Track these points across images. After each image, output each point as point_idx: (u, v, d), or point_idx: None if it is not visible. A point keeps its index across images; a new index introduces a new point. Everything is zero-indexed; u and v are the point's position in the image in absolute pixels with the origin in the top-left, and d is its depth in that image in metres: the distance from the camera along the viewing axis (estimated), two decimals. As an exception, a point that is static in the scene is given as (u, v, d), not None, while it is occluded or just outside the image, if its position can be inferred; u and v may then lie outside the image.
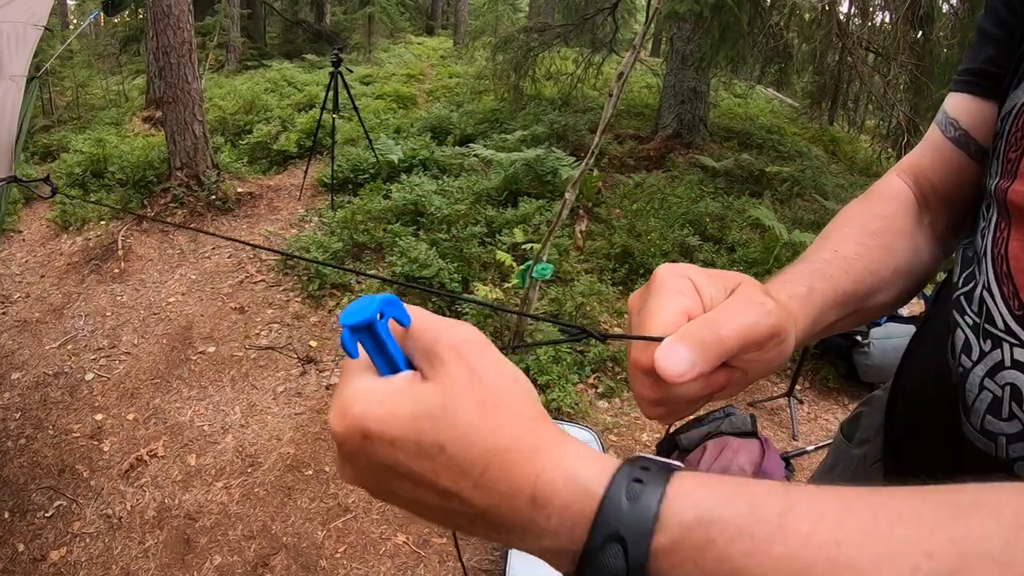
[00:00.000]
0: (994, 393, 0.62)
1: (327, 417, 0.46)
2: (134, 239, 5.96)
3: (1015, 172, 0.64)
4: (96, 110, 11.79)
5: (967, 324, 0.68)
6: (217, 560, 2.84)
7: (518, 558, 2.56)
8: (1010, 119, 0.66)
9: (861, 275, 0.76)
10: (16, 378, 4.16)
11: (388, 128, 8.78)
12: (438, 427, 0.43)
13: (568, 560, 0.42)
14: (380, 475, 0.45)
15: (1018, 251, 0.63)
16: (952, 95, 0.82)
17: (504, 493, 0.42)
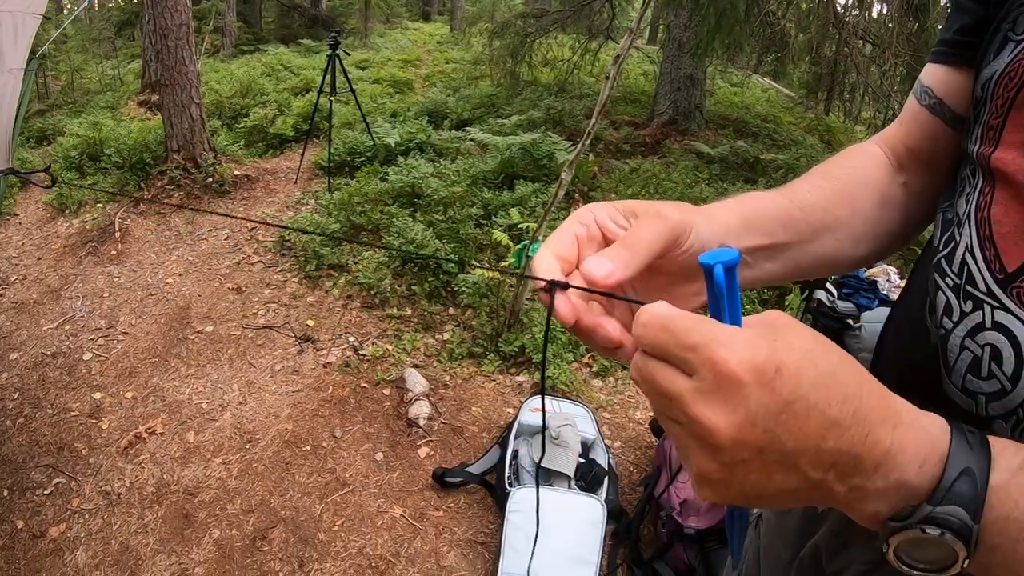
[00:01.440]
0: (974, 353, 0.65)
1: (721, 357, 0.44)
2: (131, 221, 5.98)
3: (998, 139, 0.67)
4: (91, 94, 11.77)
5: (948, 286, 0.70)
6: (216, 534, 2.87)
7: (514, 530, 2.60)
8: (991, 86, 0.69)
9: (810, 208, 0.79)
10: (14, 358, 4.18)
11: (385, 112, 8.80)
12: (825, 358, 0.46)
13: (892, 499, 0.48)
14: (775, 418, 0.45)
15: (1000, 215, 0.65)
16: (928, 66, 0.85)
17: (874, 421, 0.46)
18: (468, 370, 3.83)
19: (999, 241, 0.65)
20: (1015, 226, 0.64)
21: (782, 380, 0.44)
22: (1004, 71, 0.67)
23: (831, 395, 0.45)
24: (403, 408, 3.53)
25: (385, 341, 4.13)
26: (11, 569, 2.79)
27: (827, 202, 0.81)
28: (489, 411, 3.50)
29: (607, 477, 2.84)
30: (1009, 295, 0.63)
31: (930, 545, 0.47)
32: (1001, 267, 0.64)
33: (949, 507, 0.45)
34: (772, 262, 0.77)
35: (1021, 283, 0.62)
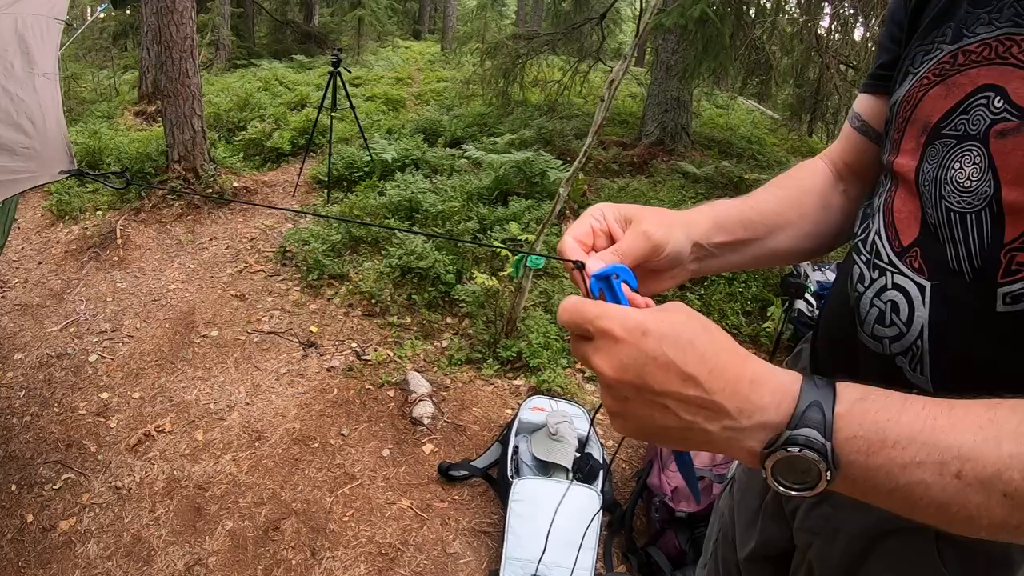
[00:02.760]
0: (880, 308, 0.86)
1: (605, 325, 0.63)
2: (132, 229, 6.08)
3: (898, 148, 0.89)
4: (87, 103, 11.81)
5: (862, 261, 0.92)
6: (229, 525, 2.98)
7: (516, 518, 2.75)
8: (895, 108, 0.91)
9: (766, 212, 1.01)
10: (19, 358, 4.26)
11: (380, 128, 8.92)
12: (688, 330, 0.62)
13: (761, 436, 0.62)
14: (642, 367, 0.61)
15: (899, 206, 0.88)
16: (859, 96, 1.08)
17: (730, 378, 0.61)
18: (467, 374, 3.97)
19: (898, 224, 0.87)
20: (909, 213, 0.85)
21: (646, 340, 0.61)
22: (904, 96, 0.89)
23: (687, 355, 0.61)
24: (407, 408, 3.67)
25: (386, 347, 4.26)
26: (21, 560, 2.84)
27: (780, 206, 1.03)
28: (489, 411, 3.65)
29: (602, 470, 3.00)
30: (904, 263, 0.84)
31: (797, 464, 0.60)
32: (899, 244, 0.86)
33: (803, 429, 0.59)
34: (735, 254, 0.98)
35: (912, 254, 0.84)
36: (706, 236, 0.93)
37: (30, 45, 2.76)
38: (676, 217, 0.89)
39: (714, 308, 4.72)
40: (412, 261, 4.75)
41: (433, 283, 4.72)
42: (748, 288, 4.86)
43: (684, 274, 0.93)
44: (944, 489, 0.57)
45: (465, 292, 4.49)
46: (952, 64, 0.82)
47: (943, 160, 0.80)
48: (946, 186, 0.79)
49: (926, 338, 0.80)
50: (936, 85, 0.83)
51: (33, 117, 2.33)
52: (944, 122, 0.81)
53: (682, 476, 0.92)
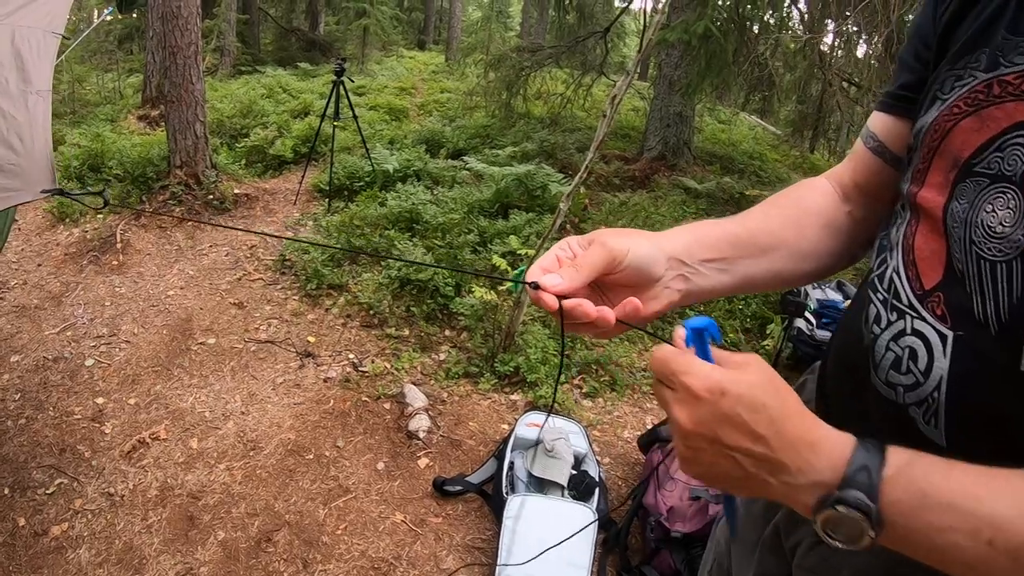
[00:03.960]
0: (896, 353, 0.82)
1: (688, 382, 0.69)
2: (132, 233, 6.08)
3: (923, 180, 0.84)
4: (91, 106, 11.84)
5: (878, 300, 0.87)
6: (221, 535, 2.96)
7: (510, 534, 2.74)
8: (921, 135, 0.85)
9: (758, 230, 0.98)
10: (15, 361, 4.26)
11: (382, 139, 8.93)
12: (762, 393, 0.68)
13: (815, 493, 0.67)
14: (717, 424, 0.68)
15: (921, 244, 0.82)
16: (875, 114, 1.02)
17: (793, 439, 0.67)
18: (464, 388, 3.96)
19: (920, 263, 0.82)
20: (932, 252, 0.80)
21: (724, 400, 0.67)
22: (931, 124, 0.83)
23: (759, 417, 0.67)
24: (403, 421, 3.65)
25: (384, 359, 4.25)
26: (11, 565, 2.83)
27: (774, 226, 1.00)
28: (485, 426, 3.63)
29: (598, 488, 2.99)
30: (925, 308, 0.80)
31: (844, 522, 0.65)
32: (920, 286, 0.81)
33: (852, 491, 0.65)
34: (725, 274, 0.94)
35: (934, 299, 0.79)
36: (687, 252, 0.91)
37: (26, 60, 2.74)
38: (643, 233, 0.89)
39: (713, 325, 4.70)
40: (411, 273, 4.75)
41: (432, 296, 4.71)
42: (748, 306, 4.86)
43: (670, 295, 0.90)
44: (976, 554, 0.62)
45: (464, 305, 4.48)
46: (987, 95, 0.77)
47: (974, 201, 0.75)
48: (976, 229, 0.74)
49: (943, 391, 0.76)
50: (968, 116, 0.78)
51: (22, 135, 2.34)
52: (977, 158, 0.76)
53: (725, 515, 0.95)
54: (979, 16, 0.81)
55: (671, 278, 0.90)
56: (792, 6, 7.89)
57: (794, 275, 1.02)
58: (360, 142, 7.67)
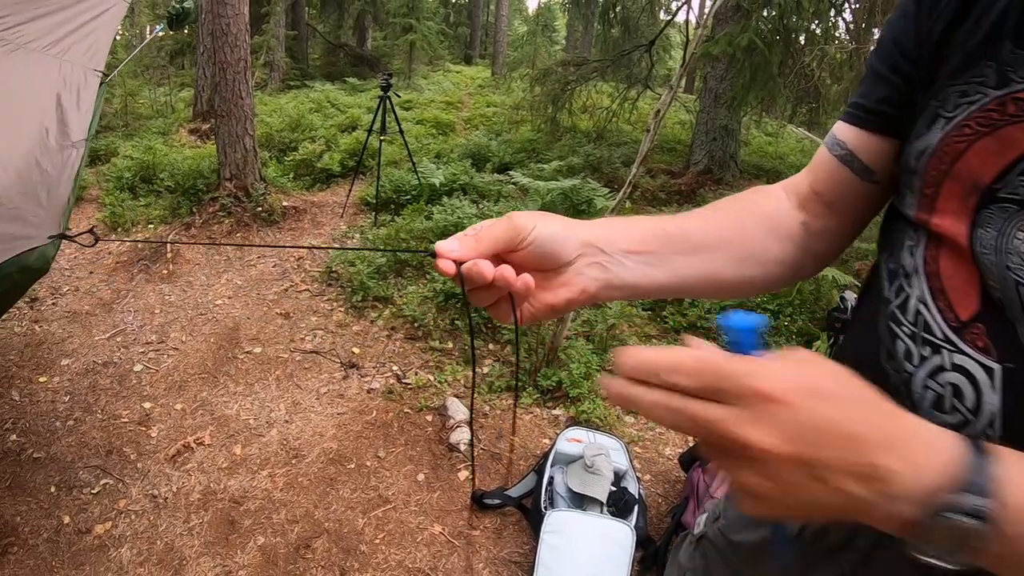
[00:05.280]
0: (937, 392, 0.75)
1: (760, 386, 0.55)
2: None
3: (933, 206, 0.79)
4: (143, 119, 12.10)
5: (905, 334, 0.81)
6: (261, 540, 2.99)
7: (548, 549, 2.72)
8: (924, 159, 0.80)
9: (690, 228, 0.90)
10: (66, 364, 4.35)
11: (429, 152, 9.02)
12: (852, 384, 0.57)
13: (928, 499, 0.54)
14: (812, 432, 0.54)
15: (950, 271, 0.77)
16: (843, 124, 0.96)
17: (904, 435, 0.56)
18: (506, 402, 3.95)
19: (950, 294, 0.76)
20: (964, 281, 0.75)
21: (815, 401, 0.54)
22: (938, 145, 0.78)
23: (855, 413, 0.55)
24: (445, 434, 3.66)
25: (427, 372, 4.26)
26: (55, 561, 2.90)
27: (710, 225, 0.93)
28: (526, 440, 3.62)
29: (637, 505, 2.96)
30: (964, 340, 0.74)
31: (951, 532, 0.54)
32: (955, 317, 0.75)
33: (964, 496, 0.53)
34: (652, 268, 0.85)
35: (974, 331, 0.73)
36: (606, 240, 0.83)
37: (66, 111, 2.78)
38: (559, 217, 0.81)
39: (757, 343, 4.65)
40: (456, 286, 4.75)
41: (476, 309, 4.70)
42: (794, 322, 4.79)
43: (583, 282, 0.81)
44: None
45: (508, 319, 4.48)
46: (1001, 113, 0.72)
47: (1003, 228, 0.71)
48: (1012, 257, 0.69)
49: (998, 427, 0.70)
50: (983, 137, 0.73)
51: (50, 189, 2.41)
52: (999, 183, 0.72)
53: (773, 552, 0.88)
54: (978, 25, 0.76)
55: (586, 264, 0.81)
56: (838, 16, 7.82)
57: (737, 280, 0.93)
58: (407, 156, 7.74)
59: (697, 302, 4.81)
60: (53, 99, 2.79)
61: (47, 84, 2.86)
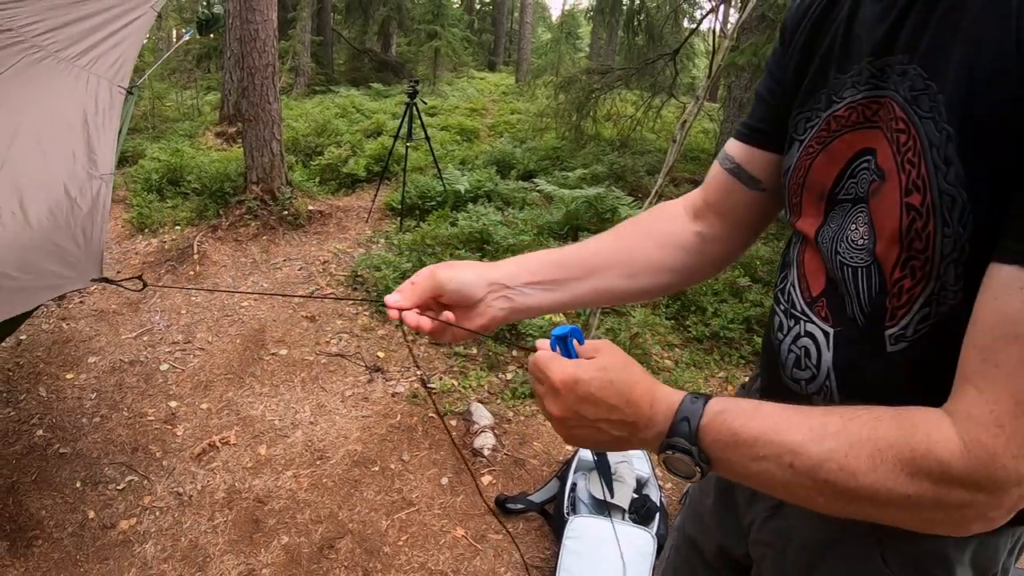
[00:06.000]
0: (796, 353, 0.98)
1: (549, 376, 0.83)
2: (209, 245, 6.26)
3: (799, 212, 1.00)
4: (170, 122, 12.23)
5: (781, 310, 1.04)
6: (284, 540, 3.02)
7: (569, 555, 2.74)
8: (788, 176, 1.01)
9: (585, 254, 1.14)
10: (93, 361, 4.41)
11: (454, 159, 9.06)
12: (610, 373, 0.82)
13: (657, 440, 0.82)
14: (577, 404, 0.82)
15: (808, 260, 0.99)
16: (733, 141, 1.14)
17: (638, 400, 0.81)
18: (530, 408, 3.96)
19: (808, 276, 0.99)
20: (817, 267, 0.96)
21: (578, 386, 0.81)
22: (795, 164, 0.99)
23: (609, 392, 0.81)
24: (469, 439, 3.67)
25: (451, 377, 4.28)
26: (79, 554, 2.94)
27: (605, 248, 1.16)
28: (549, 447, 3.63)
29: (659, 513, 2.97)
30: (813, 312, 0.96)
31: (676, 461, 0.81)
32: (810, 295, 0.98)
33: (676, 437, 0.79)
34: (552, 293, 1.11)
35: (820, 304, 0.95)
36: (509, 277, 1.08)
37: (92, 134, 2.79)
38: (473, 264, 1.07)
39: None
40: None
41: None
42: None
43: (493, 312, 1.07)
44: (783, 476, 0.75)
45: (533, 327, 4.49)
46: (828, 131, 0.93)
47: (842, 222, 0.91)
48: (842, 244, 0.90)
49: (833, 379, 0.92)
50: (820, 153, 0.94)
51: (85, 230, 2.43)
52: (837, 187, 0.92)
53: (599, 474, 1.18)
54: (815, 61, 0.97)
55: (494, 299, 1.07)
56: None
57: (631, 291, 1.17)
58: (432, 162, 7.78)
59: (720, 312, 4.81)
60: (80, 116, 2.80)
61: (74, 100, 2.87)
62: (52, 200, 2.47)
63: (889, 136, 0.83)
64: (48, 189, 2.50)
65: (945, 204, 0.74)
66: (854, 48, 0.90)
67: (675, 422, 0.80)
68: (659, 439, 0.81)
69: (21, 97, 2.89)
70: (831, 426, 0.74)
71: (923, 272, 0.79)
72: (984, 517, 0.71)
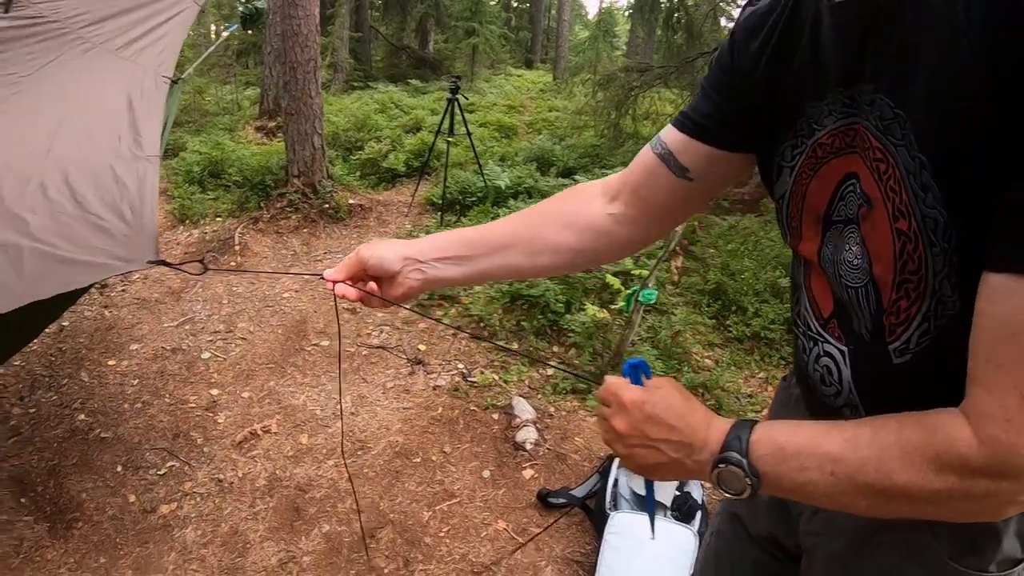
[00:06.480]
0: (820, 372, 1.03)
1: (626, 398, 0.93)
2: (250, 236, 6.32)
3: (799, 235, 1.03)
4: (210, 116, 12.37)
5: (800, 332, 1.09)
6: (326, 528, 3.03)
7: (611, 551, 2.72)
8: (786, 200, 1.04)
9: (490, 233, 1.24)
10: (135, 349, 4.47)
11: (493, 155, 9.08)
12: (673, 399, 0.93)
13: (711, 460, 0.88)
14: (642, 423, 0.91)
15: (815, 284, 1.05)
16: (670, 128, 1.15)
17: (695, 425, 0.90)
18: (571, 404, 3.94)
19: (817, 299, 1.04)
20: (823, 290, 1.02)
21: (645, 406, 0.91)
22: (792, 190, 1.02)
23: (671, 414, 0.91)
24: (510, 432, 3.66)
25: (492, 371, 4.27)
26: (119, 537, 2.97)
27: (506, 229, 1.24)
28: (591, 443, 3.61)
29: (700, 511, 2.94)
30: (827, 333, 1.02)
31: (729, 476, 0.86)
32: (821, 317, 1.03)
33: (729, 453, 0.86)
34: (458, 267, 1.21)
35: (831, 325, 1.01)
36: (420, 253, 1.19)
37: (137, 115, 2.79)
38: (393, 242, 1.21)
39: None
40: (523, 288, 4.76)
41: (542, 311, 4.72)
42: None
43: (409, 282, 1.20)
44: (826, 484, 0.81)
45: (574, 322, 4.47)
46: (816, 158, 0.97)
47: (838, 244, 0.95)
48: (842, 266, 0.94)
49: (855, 391, 0.97)
50: (812, 179, 0.98)
51: (133, 206, 2.44)
52: (830, 210, 0.96)
53: (647, 506, 1.29)
54: (789, 85, 0.98)
55: (409, 271, 1.19)
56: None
57: (533, 267, 1.25)
58: (472, 158, 7.80)
59: (761, 313, 4.76)
60: (125, 102, 2.84)
61: (119, 87, 2.90)
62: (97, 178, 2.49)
63: (869, 163, 0.87)
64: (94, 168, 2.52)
65: (929, 226, 0.79)
66: (822, 76, 0.92)
67: (727, 440, 0.87)
68: (712, 458, 0.88)
69: (68, 86, 2.94)
70: (863, 436, 0.81)
71: (917, 292, 0.84)
72: (1015, 502, 0.77)
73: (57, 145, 2.63)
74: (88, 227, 2.37)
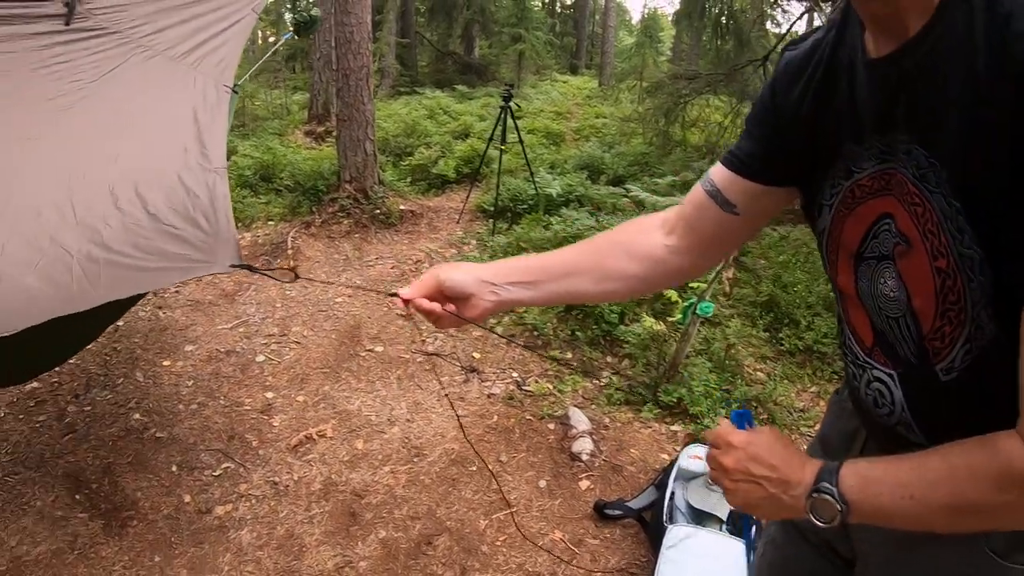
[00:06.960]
0: (873, 396, 1.09)
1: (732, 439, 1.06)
2: (302, 241, 6.39)
3: (836, 269, 1.12)
4: (260, 120, 12.51)
5: (848, 361, 1.16)
6: (382, 534, 3.04)
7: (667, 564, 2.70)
8: (824, 236, 1.12)
9: (557, 261, 1.32)
10: (189, 350, 4.54)
11: (543, 162, 9.08)
12: (775, 442, 1.04)
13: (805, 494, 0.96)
14: (747, 461, 1.02)
15: (854, 316, 1.11)
16: (718, 165, 1.23)
17: (794, 465, 1.00)
18: (626, 415, 3.92)
19: (858, 331, 1.11)
20: (862, 322, 1.09)
21: (750, 447, 1.03)
22: (830, 227, 1.10)
23: (773, 455, 1.01)
24: (567, 443, 3.65)
25: (546, 380, 4.27)
26: (174, 537, 3.01)
27: (577, 256, 1.33)
28: (646, 454, 3.59)
29: (755, 525, 2.91)
30: (873, 360, 1.08)
31: (821, 504, 0.93)
32: (865, 346, 1.10)
33: (823, 483, 0.93)
34: (529, 291, 1.28)
35: (876, 352, 1.07)
36: (495, 276, 1.26)
37: (202, 127, 2.84)
38: (469, 265, 1.29)
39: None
40: (578, 302, 4.77)
41: (597, 321, 4.71)
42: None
43: (484, 304, 1.26)
44: (907, 508, 0.89)
45: (629, 333, 4.46)
46: (853, 198, 1.04)
47: (872, 278, 1.03)
48: (880, 299, 1.02)
49: (907, 410, 1.03)
50: (848, 217, 1.05)
51: (207, 216, 2.48)
52: (863, 247, 1.04)
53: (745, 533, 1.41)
54: (830, 129, 1.05)
55: (484, 294, 1.25)
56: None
57: (600, 293, 1.34)
58: (523, 165, 7.81)
59: (813, 326, 4.71)
60: (190, 113, 2.87)
61: (184, 96, 2.94)
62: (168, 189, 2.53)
63: (906, 207, 0.94)
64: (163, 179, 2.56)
65: (966, 264, 0.86)
66: (858, 121, 0.99)
67: (820, 474, 0.96)
68: (807, 492, 0.96)
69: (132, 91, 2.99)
70: (933, 462, 0.89)
71: (959, 320, 0.91)
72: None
73: (124, 152, 2.68)
74: (163, 236, 2.42)
